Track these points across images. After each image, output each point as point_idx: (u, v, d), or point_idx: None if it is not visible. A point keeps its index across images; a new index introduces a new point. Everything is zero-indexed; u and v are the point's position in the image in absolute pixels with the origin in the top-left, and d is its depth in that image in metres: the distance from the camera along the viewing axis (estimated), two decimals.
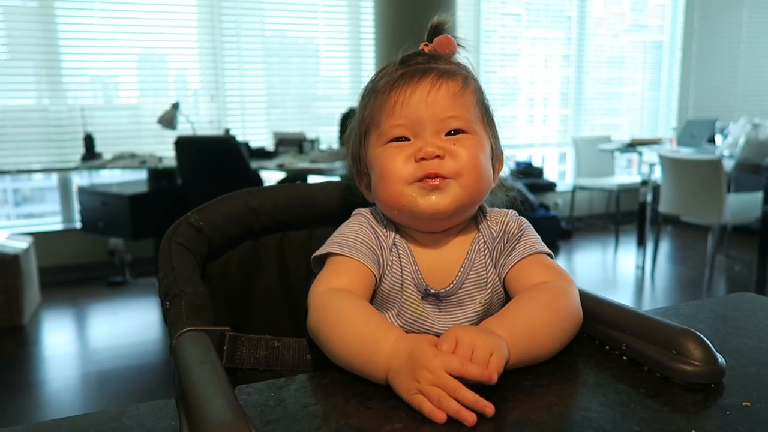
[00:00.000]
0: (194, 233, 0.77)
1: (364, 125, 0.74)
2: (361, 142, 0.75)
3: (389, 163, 0.70)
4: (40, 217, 4.82)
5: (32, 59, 4.11)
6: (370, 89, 0.75)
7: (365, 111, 0.74)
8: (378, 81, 0.74)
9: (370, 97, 0.74)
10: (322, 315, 0.64)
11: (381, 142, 0.72)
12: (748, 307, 0.77)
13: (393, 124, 0.71)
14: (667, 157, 3.62)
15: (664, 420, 0.50)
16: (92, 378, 2.68)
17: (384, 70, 0.75)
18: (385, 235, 0.74)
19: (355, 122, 0.77)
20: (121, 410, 0.53)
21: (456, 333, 0.55)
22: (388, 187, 0.70)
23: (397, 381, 0.54)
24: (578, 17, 5.55)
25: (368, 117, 0.73)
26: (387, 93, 0.71)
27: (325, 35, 4.78)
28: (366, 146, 0.75)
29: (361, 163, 0.76)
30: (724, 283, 3.92)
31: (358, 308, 0.64)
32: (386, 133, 0.71)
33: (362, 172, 0.77)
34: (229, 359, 0.66)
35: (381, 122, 0.72)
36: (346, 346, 0.60)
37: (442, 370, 0.51)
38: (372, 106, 0.73)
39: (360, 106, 0.76)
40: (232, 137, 3.80)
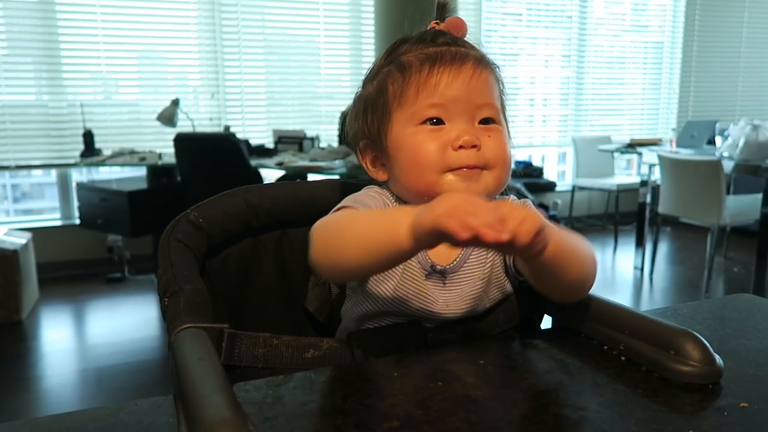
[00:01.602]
0: (193, 230, 0.77)
1: (388, 100, 0.71)
2: (384, 118, 0.72)
3: (425, 148, 0.68)
4: (39, 213, 4.82)
5: (32, 55, 4.10)
6: (392, 63, 0.72)
7: (388, 85, 0.71)
8: (402, 55, 0.71)
9: (395, 71, 0.71)
10: (332, 228, 0.64)
11: (413, 122, 0.69)
12: (746, 308, 0.77)
13: (430, 104, 0.69)
14: (667, 157, 3.62)
15: (661, 420, 0.50)
16: (90, 374, 2.68)
17: (404, 46, 0.72)
18: None
19: (370, 96, 0.74)
20: (119, 406, 0.53)
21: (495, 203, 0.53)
22: (423, 174, 0.69)
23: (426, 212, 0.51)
24: (579, 17, 5.55)
25: (395, 92, 0.71)
26: (425, 71, 0.69)
27: (326, 33, 4.78)
28: (390, 123, 0.72)
29: (382, 141, 0.73)
30: (723, 285, 3.93)
31: (372, 211, 0.66)
32: (420, 112, 0.69)
33: (382, 150, 0.73)
34: (227, 356, 0.66)
35: (414, 100, 0.69)
36: (358, 235, 0.59)
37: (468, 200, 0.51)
38: (400, 82, 0.70)
39: (378, 79, 0.73)
40: (232, 134, 3.80)
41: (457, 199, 0.51)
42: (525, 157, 5.71)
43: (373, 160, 0.76)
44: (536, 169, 5.42)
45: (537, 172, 5.40)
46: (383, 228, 0.57)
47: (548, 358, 0.62)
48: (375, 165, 0.76)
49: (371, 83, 0.74)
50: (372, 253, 0.58)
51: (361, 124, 0.75)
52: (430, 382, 0.57)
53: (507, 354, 0.65)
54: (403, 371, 0.59)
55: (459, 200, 0.51)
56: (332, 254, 0.62)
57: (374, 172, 0.76)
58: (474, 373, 0.59)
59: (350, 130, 0.78)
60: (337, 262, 0.62)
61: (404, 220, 0.54)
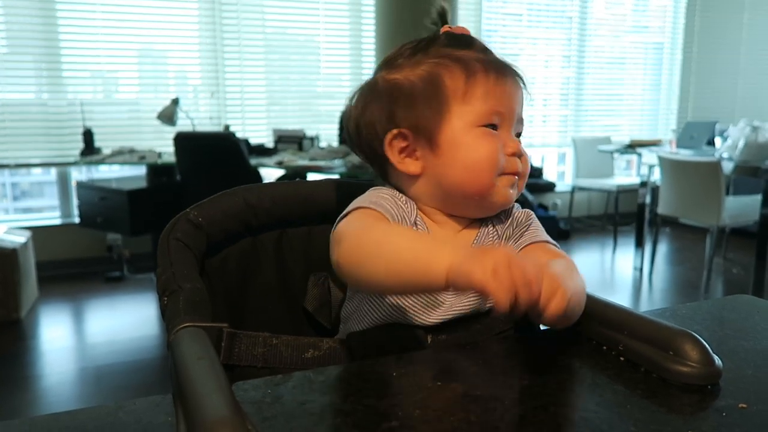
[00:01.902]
0: (193, 229, 0.77)
1: (447, 95, 0.70)
2: (439, 112, 0.70)
3: (489, 149, 0.70)
4: (39, 212, 4.82)
5: (32, 53, 4.10)
6: (443, 57, 0.71)
7: (445, 80, 0.70)
8: (458, 54, 0.71)
9: (455, 68, 0.70)
10: (361, 237, 0.63)
11: (476, 123, 0.70)
12: (745, 309, 0.77)
13: (494, 110, 0.70)
14: (667, 158, 3.62)
15: (660, 421, 0.50)
16: (89, 373, 2.68)
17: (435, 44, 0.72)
18: (408, 211, 0.73)
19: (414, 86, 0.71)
20: (118, 405, 0.53)
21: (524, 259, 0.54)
22: (482, 174, 0.70)
23: (467, 267, 0.52)
24: (579, 18, 5.55)
25: (456, 89, 0.70)
26: (491, 77, 0.70)
27: (326, 33, 4.78)
28: (448, 118, 0.70)
29: (431, 134, 0.71)
30: (722, 286, 3.93)
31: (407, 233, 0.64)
32: (485, 116, 0.70)
33: (428, 143, 0.71)
34: (226, 356, 0.66)
35: (482, 103, 0.70)
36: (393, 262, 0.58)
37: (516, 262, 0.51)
38: (463, 80, 0.70)
39: (424, 70, 0.71)
40: (232, 134, 3.80)
41: (503, 262, 0.51)
42: None
43: (402, 151, 0.73)
44: (536, 170, 5.42)
45: (537, 173, 5.40)
46: (422, 261, 0.57)
47: (547, 358, 0.62)
48: (404, 156, 0.73)
49: (410, 71, 0.72)
50: (404, 281, 0.59)
51: (398, 113, 0.72)
52: (429, 381, 0.57)
53: (506, 354, 0.65)
54: (402, 371, 0.59)
55: (504, 263, 0.51)
56: (362, 269, 0.62)
57: (403, 163, 0.73)
58: (473, 373, 0.59)
59: (367, 121, 0.74)
60: (365, 276, 0.62)
61: (444, 259, 0.55)
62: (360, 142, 0.76)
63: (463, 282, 0.53)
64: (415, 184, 0.74)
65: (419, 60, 0.72)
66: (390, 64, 0.74)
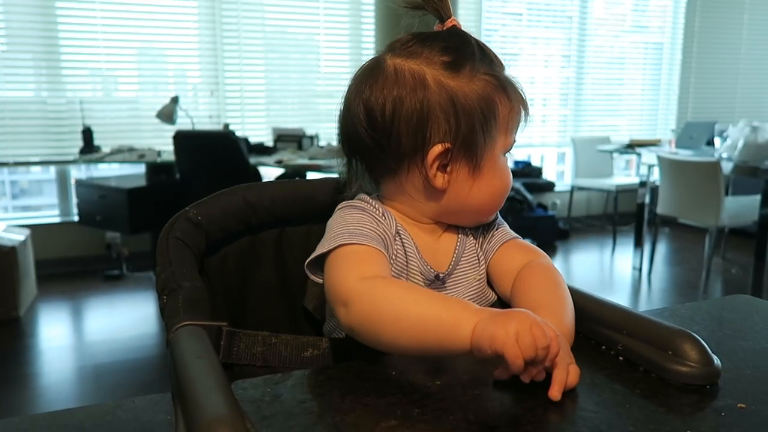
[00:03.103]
0: (192, 228, 0.76)
1: (497, 122, 0.71)
2: (488, 136, 0.70)
3: (510, 178, 0.75)
4: (38, 210, 4.81)
5: (31, 51, 4.10)
6: (493, 78, 0.70)
7: (498, 106, 0.70)
8: (500, 77, 0.72)
9: (503, 96, 0.71)
10: (377, 303, 0.60)
11: (505, 150, 0.74)
12: (744, 309, 0.77)
13: (514, 141, 0.75)
14: (666, 158, 3.62)
15: (659, 421, 0.50)
16: (88, 371, 2.68)
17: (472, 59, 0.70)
18: (387, 223, 0.72)
19: (472, 107, 0.68)
20: (116, 404, 0.53)
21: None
22: (503, 198, 0.75)
23: (489, 331, 0.53)
24: (579, 17, 5.55)
25: (504, 118, 0.72)
26: (521, 112, 0.74)
27: (326, 31, 4.77)
28: (492, 144, 0.71)
29: (476, 156, 0.70)
30: (721, 286, 3.93)
31: (425, 295, 0.62)
32: (509, 146, 0.74)
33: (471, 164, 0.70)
34: (225, 354, 0.66)
35: (512, 131, 0.74)
36: (418, 327, 0.57)
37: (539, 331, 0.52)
38: (508, 109, 0.72)
39: (478, 89, 0.69)
40: (231, 132, 3.80)
41: (526, 326, 0.52)
42: (524, 156, 5.71)
43: (437, 164, 0.69)
44: (535, 169, 5.42)
45: (536, 172, 5.40)
46: (446, 327, 0.56)
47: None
48: (438, 170, 0.70)
49: (467, 81, 0.69)
50: (428, 347, 0.58)
51: (453, 123, 0.68)
52: (427, 380, 0.57)
53: None
54: (400, 370, 0.59)
55: (526, 328, 0.52)
56: (381, 336, 0.60)
57: (435, 178, 0.70)
58: (472, 372, 0.59)
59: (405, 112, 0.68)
60: (384, 342, 0.60)
61: (470, 322, 0.55)
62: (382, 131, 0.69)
63: (486, 344, 0.52)
64: (428, 196, 0.72)
65: (471, 72, 0.69)
66: (436, 63, 0.69)
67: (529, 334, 0.51)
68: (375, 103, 0.69)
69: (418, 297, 0.61)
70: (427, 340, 0.57)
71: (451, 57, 0.69)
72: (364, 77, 0.71)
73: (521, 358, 0.51)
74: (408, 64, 0.70)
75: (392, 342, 0.59)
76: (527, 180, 5.18)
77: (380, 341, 0.60)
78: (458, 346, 0.55)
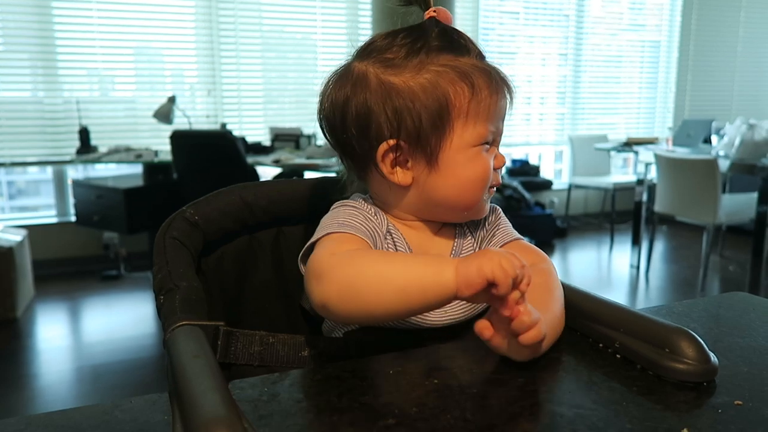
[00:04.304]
0: (189, 227, 0.76)
1: (451, 113, 0.67)
2: (442, 129, 0.68)
3: (485, 169, 0.70)
4: (35, 210, 4.81)
5: (28, 51, 4.09)
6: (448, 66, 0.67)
7: (450, 96, 0.67)
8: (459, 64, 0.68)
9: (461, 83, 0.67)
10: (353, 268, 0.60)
11: (475, 141, 0.69)
12: (741, 306, 0.77)
13: (492, 130, 0.70)
14: (663, 156, 3.63)
15: (656, 418, 0.50)
16: (86, 371, 2.68)
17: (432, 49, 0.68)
18: (378, 222, 0.72)
19: (416, 96, 0.67)
20: (114, 404, 0.53)
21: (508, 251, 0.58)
22: (477, 190, 0.70)
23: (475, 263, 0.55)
24: (576, 16, 5.55)
25: (461, 108, 0.67)
26: (494, 97, 0.69)
27: (323, 31, 4.77)
28: (450, 136, 0.68)
29: (430, 149, 0.68)
30: (718, 283, 3.94)
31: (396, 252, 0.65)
32: (484, 135, 0.69)
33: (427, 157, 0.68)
34: (223, 354, 0.66)
35: (483, 122, 0.69)
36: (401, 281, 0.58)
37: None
38: (468, 99, 0.67)
39: (427, 79, 0.67)
40: (229, 132, 3.79)
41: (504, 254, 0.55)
42: (522, 155, 5.71)
43: (395, 161, 0.69)
44: (533, 168, 5.43)
45: (534, 171, 5.41)
46: (429, 275, 0.57)
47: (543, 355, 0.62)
48: (395, 166, 0.70)
49: (412, 76, 0.67)
50: (415, 301, 0.58)
51: (396, 121, 0.68)
52: (425, 379, 0.57)
53: None
54: (398, 369, 0.59)
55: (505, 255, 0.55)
56: (362, 303, 0.59)
57: (394, 174, 0.70)
58: (469, 371, 0.59)
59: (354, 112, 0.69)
60: (367, 309, 0.59)
61: (450, 265, 0.56)
62: (341, 134, 0.71)
63: (474, 275, 0.54)
64: (397, 193, 0.72)
65: (420, 63, 0.68)
66: (383, 60, 0.69)
67: (505, 258, 0.54)
68: (332, 107, 0.71)
69: (394, 257, 0.65)
70: (411, 292, 0.57)
71: (399, 52, 0.69)
72: (330, 81, 0.73)
73: (510, 277, 0.54)
74: (360, 65, 0.71)
75: (374, 303, 0.58)
76: (525, 178, 5.19)
77: (361, 306, 0.59)
78: (444, 289, 0.56)
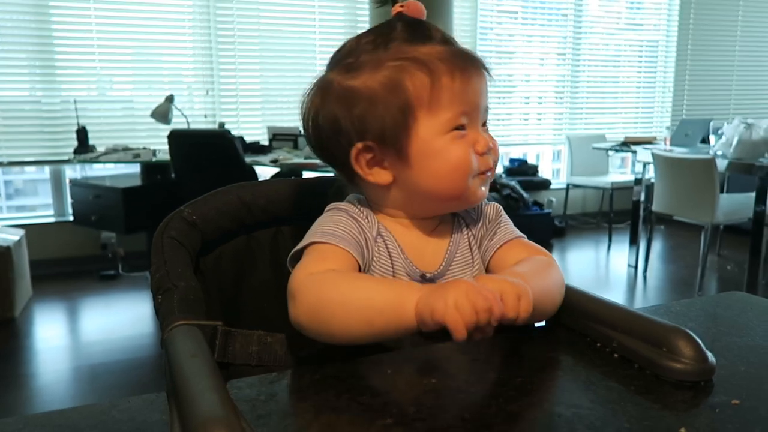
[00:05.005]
0: (187, 227, 0.76)
1: (411, 103, 0.66)
2: (404, 121, 0.67)
3: (460, 156, 0.67)
4: (32, 210, 4.80)
5: (26, 51, 4.08)
6: (402, 59, 0.66)
7: (407, 85, 0.66)
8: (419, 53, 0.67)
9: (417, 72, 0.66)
10: (322, 292, 0.61)
11: (445, 129, 0.67)
12: (738, 306, 0.78)
13: (460, 111, 0.67)
14: (661, 156, 3.63)
15: (653, 417, 0.50)
16: (83, 371, 2.67)
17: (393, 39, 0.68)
18: (369, 224, 0.72)
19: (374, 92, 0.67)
20: (111, 403, 0.53)
21: (484, 281, 0.56)
22: (458, 180, 0.68)
23: (430, 303, 0.54)
24: (574, 15, 5.55)
25: (420, 96, 0.66)
26: (456, 78, 0.66)
27: (321, 30, 4.77)
28: (415, 127, 0.67)
29: (398, 144, 0.67)
30: (716, 282, 3.95)
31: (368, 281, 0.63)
32: (453, 120, 0.67)
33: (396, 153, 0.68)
34: (221, 354, 0.66)
35: (448, 107, 0.67)
36: (364, 310, 0.58)
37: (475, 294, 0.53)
38: (427, 85, 0.66)
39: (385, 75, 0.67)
40: (227, 131, 3.78)
41: (463, 294, 0.53)
42: (520, 155, 5.72)
43: (370, 162, 0.70)
44: (531, 167, 5.43)
45: (532, 170, 5.41)
46: (392, 306, 0.57)
47: (541, 355, 0.62)
48: (374, 167, 0.70)
49: (370, 75, 0.67)
50: (377, 329, 0.59)
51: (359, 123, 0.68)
52: (423, 379, 0.57)
53: (500, 351, 0.65)
54: (396, 368, 0.59)
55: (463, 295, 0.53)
56: (330, 326, 0.60)
57: (373, 174, 0.70)
58: (467, 370, 0.59)
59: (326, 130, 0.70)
60: (334, 332, 0.61)
61: (412, 297, 0.56)
62: (320, 145, 0.72)
63: (428, 318, 0.54)
64: (383, 192, 0.72)
65: (378, 62, 0.67)
66: (345, 65, 0.69)
67: (466, 300, 0.52)
68: (306, 119, 0.72)
69: (364, 283, 0.63)
70: (375, 322, 0.58)
71: (360, 54, 0.69)
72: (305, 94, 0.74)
73: (461, 324, 0.52)
74: (326, 74, 0.72)
75: (341, 329, 0.60)
76: (523, 178, 5.19)
77: (329, 330, 0.60)
78: (405, 323, 0.56)
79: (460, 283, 0.55)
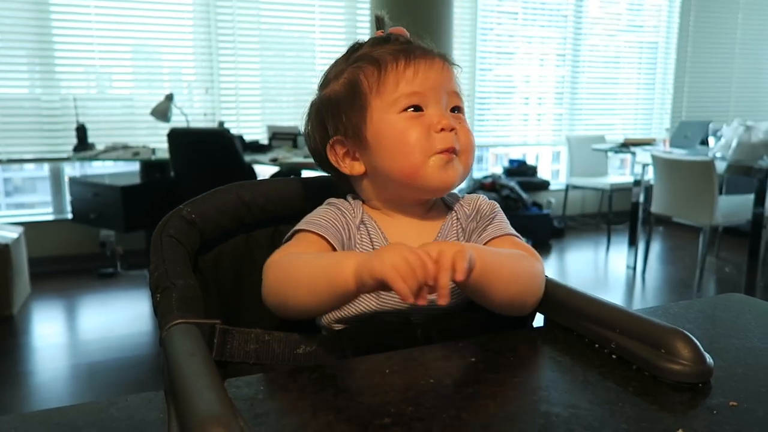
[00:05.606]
0: (186, 226, 0.76)
1: (365, 92, 0.74)
2: (361, 110, 0.74)
3: (411, 131, 0.72)
4: (31, 207, 4.80)
5: (25, 48, 4.07)
6: (358, 61, 0.75)
7: (361, 79, 0.74)
8: (369, 54, 0.75)
9: (367, 66, 0.74)
10: (281, 271, 0.68)
11: (394, 110, 0.73)
12: (737, 307, 0.78)
13: (410, 92, 0.72)
14: (660, 157, 3.63)
15: (651, 418, 0.50)
16: (82, 369, 2.67)
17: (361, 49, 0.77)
18: (353, 215, 0.77)
19: (338, 94, 0.76)
20: (109, 401, 0.53)
21: (425, 245, 0.60)
22: (410, 156, 0.72)
23: (368, 264, 0.58)
24: (574, 16, 5.56)
25: (371, 85, 0.73)
26: (401, 63, 0.73)
27: (321, 29, 4.77)
28: (369, 113, 0.74)
29: (359, 133, 0.75)
30: (714, 284, 3.95)
31: (319, 254, 0.70)
32: (401, 100, 0.72)
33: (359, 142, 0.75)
34: (219, 352, 0.66)
35: (394, 89, 0.73)
36: (309, 278, 0.65)
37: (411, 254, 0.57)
38: (375, 75, 0.73)
39: (345, 77, 0.76)
40: (226, 130, 3.78)
41: (399, 253, 0.57)
42: (519, 155, 5.72)
43: (345, 156, 0.77)
44: (530, 168, 5.43)
45: (531, 171, 5.41)
46: (332, 272, 0.63)
47: (539, 355, 0.62)
48: (347, 160, 0.77)
49: (335, 82, 0.76)
50: (323, 295, 0.64)
51: (331, 123, 0.77)
52: (421, 378, 0.57)
53: (498, 351, 0.65)
54: (394, 368, 0.59)
55: (399, 254, 0.57)
56: (282, 295, 0.67)
57: (348, 166, 0.77)
58: (465, 371, 0.59)
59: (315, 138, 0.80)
60: (289, 302, 0.67)
61: (350, 263, 0.61)
62: (314, 154, 0.82)
63: (368, 277, 0.58)
64: (362, 184, 0.79)
65: (342, 70, 0.77)
66: (324, 82, 0.79)
67: (402, 259, 0.56)
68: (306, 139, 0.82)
69: (316, 258, 0.68)
70: (318, 288, 0.64)
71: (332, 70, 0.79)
72: None
73: (399, 278, 0.55)
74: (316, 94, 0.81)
75: (295, 300, 0.66)
76: (522, 179, 5.19)
77: (286, 304, 0.68)
78: (344, 285, 0.61)
79: (396, 245, 0.59)
